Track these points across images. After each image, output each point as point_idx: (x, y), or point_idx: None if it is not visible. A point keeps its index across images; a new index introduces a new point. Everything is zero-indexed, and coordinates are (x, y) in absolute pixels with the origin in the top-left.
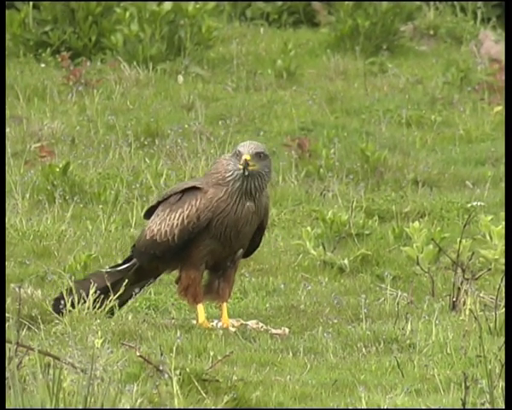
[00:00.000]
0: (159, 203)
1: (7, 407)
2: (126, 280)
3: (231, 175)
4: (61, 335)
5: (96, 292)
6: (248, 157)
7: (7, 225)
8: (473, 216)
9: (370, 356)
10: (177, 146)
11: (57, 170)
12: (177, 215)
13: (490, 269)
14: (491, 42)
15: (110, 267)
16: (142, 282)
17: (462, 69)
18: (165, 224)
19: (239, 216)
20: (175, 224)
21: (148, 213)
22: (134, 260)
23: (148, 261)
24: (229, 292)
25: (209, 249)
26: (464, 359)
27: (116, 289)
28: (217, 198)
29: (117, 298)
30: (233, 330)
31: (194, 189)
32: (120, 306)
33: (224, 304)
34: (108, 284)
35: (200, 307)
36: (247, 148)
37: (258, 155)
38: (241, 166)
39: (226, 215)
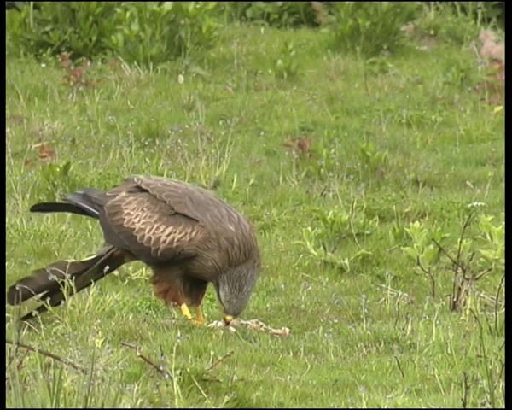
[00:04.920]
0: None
1: (7, 406)
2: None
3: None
4: (62, 335)
5: (52, 284)
6: (230, 318)
7: (7, 225)
8: (473, 216)
9: (371, 356)
10: (178, 146)
11: (58, 170)
12: (167, 232)
13: (490, 269)
14: (492, 42)
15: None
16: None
17: (462, 69)
18: (151, 230)
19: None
20: (162, 238)
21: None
22: (101, 252)
23: (118, 246)
24: (202, 296)
25: (183, 271)
26: (465, 359)
27: (76, 282)
28: (210, 257)
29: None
30: (233, 330)
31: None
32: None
33: (198, 307)
34: (67, 275)
35: (185, 307)
36: (231, 308)
37: None
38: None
39: (207, 267)
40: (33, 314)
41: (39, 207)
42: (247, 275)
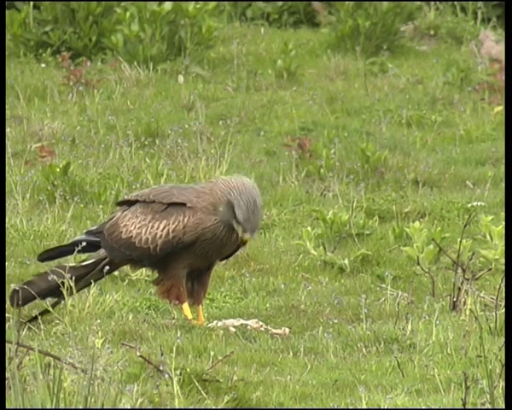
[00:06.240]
0: (137, 201)
1: (7, 407)
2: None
3: (223, 223)
4: (62, 335)
5: (53, 287)
6: (249, 238)
7: (7, 225)
8: (473, 216)
9: (371, 356)
10: (178, 146)
11: (57, 170)
12: (162, 227)
13: (490, 269)
14: (492, 42)
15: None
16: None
17: (462, 69)
18: (147, 231)
19: (224, 243)
20: (158, 234)
21: (122, 204)
22: (101, 255)
23: (121, 259)
24: (204, 295)
25: (188, 262)
26: (465, 359)
27: (77, 286)
28: (203, 226)
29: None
30: (233, 330)
31: (181, 204)
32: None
33: (200, 306)
34: (68, 280)
35: (186, 307)
36: (249, 226)
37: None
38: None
39: (211, 242)
40: (36, 315)
41: (48, 256)
42: (243, 188)
